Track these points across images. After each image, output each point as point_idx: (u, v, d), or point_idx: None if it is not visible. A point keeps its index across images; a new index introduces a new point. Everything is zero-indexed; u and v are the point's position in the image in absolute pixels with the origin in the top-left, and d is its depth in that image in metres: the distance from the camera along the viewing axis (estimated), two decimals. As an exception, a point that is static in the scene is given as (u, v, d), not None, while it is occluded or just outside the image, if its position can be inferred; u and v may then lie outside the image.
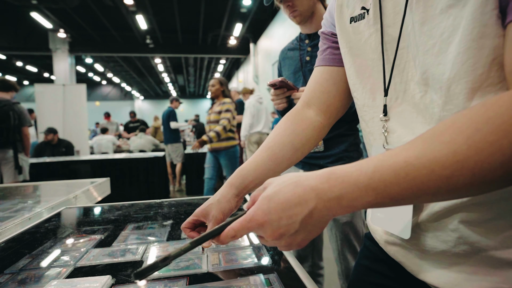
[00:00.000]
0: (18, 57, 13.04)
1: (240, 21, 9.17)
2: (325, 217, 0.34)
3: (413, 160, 0.30)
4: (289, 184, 0.34)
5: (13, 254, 0.64)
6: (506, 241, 0.37)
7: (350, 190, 0.32)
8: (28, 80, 18.19)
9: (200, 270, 0.53)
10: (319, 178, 0.34)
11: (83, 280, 0.50)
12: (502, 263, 0.37)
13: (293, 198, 0.33)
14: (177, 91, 22.97)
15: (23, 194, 1.53)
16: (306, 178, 0.34)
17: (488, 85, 0.34)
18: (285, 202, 0.34)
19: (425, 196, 0.30)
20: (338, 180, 0.33)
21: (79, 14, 8.51)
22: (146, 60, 13.78)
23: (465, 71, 0.35)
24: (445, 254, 0.41)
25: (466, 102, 0.36)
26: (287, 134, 0.62)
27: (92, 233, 0.75)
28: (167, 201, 1.06)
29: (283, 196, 0.34)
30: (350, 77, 0.53)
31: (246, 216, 0.36)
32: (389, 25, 0.44)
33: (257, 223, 0.35)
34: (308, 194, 0.33)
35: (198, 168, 4.54)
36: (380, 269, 0.55)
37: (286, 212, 0.33)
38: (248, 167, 0.59)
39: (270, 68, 9.26)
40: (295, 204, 0.33)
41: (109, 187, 1.84)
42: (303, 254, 1.32)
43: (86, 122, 6.08)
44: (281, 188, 0.34)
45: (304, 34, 1.17)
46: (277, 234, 0.34)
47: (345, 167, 0.33)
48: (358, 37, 0.50)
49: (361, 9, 0.49)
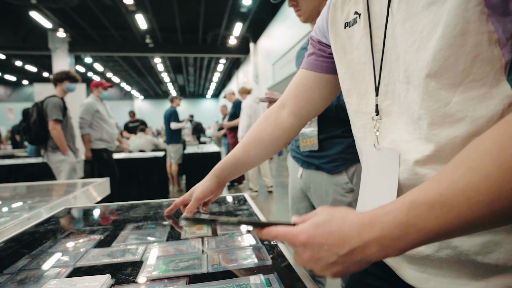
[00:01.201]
0: (17, 57, 13.02)
1: (240, 21, 9.16)
2: (367, 257, 0.34)
3: (445, 191, 0.29)
4: (338, 219, 0.35)
5: (12, 254, 0.63)
6: (487, 246, 0.37)
7: (391, 229, 0.32)
8: (28, 80, 18.19)
9: (200, 270, 0.53)
10: (362, 217, 0.34)
11: (82, 279, 0.50)
12: (484, 268, 0.38)
13: (337, 233, 0.34)
14: (177, 90, 22.95)
15: (23, 194, 1.52)
16: (353, 217, 0.35)
17: (470, 81, 0.34)
18: (330, 234, 0.35)
19: (475, 226, 0.29)
20: (378, 220, 0.33)
21: (78, 13, 8.50)
22: (145, 59, 13.76)
23: (446, 67, 0.35)
24: (430, 259, 0.42)
25: (448, 97, 0.36)
26: (260, 133, 0.70)
27: (92, 233, 0.75)
28: (167, 201, 1.06)
29: (329, 228, 0.35)
30: (344, 83, 0.53)
31: (293, 231, 0.37)
32: (378, 27, 0.45)
33: (300, 242, 0.36)
34: (351, 232, 0.34)
35: (198, 168, 4.54)
36: (375, 271, 0.55)
37: (329, 244, 0.35)
38: (228, 162, 0.72)
39: (270, 68, 9.25)
40: (338, 239, 0.34)
41: (108, 187, 1.84)
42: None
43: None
44: (330, 220, 0.36)
45: None
46: (315, 258, 0.36)
47: (384, 206, 0.34)
48: (351, 42, 0.50)
49: (354, 14, 0.49)
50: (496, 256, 0.37)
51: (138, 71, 16.29)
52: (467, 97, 0.35)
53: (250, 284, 0.46)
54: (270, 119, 0.70)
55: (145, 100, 24.45)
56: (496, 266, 0.37)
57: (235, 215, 0.87)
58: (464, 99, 0.35)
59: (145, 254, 0.60)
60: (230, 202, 1.02)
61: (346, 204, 1.06)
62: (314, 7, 1.06)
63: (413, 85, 0.39)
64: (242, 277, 0.49)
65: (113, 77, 17.36)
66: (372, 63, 0.46)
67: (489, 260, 0.37)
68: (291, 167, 1.30)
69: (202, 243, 0.65)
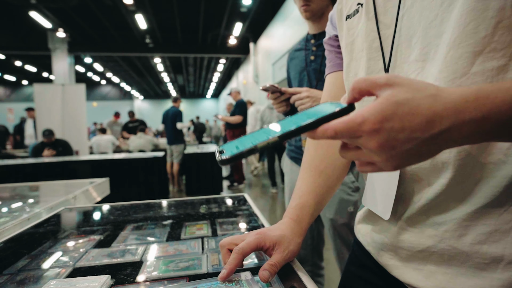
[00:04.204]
0: (17, 57, 13.02)
1: (240, 21, 9.16)
2: (449, 143, 0.29)
3: None
4: (427, 96, 0.28)
5: (12, 255, 0.63)
6: (493, 236, 0.36)
7: (503, 109, 0.27)
8: (27, 80, 18.18)
9: (200, 271, 0.52)
10: (465, 94, 0.28)
11: (82, 279, 0.50)
12: (489, 261, 0.36)
13: (427, 113, 0.27)
14: (177, 90, 22.95)
15: (22, 194, 1.52)
16: (448, 93, 0.28)
17: (491, 51, 0.33)
18: (417, 115, 0.27)
19: None
20: (490, 97, 0.27)
21: (78, 13, 8.49)
22: (145, 59, 13.76)
23: (467, 34, 0.34)
24: (430, 251, 0.40)
25: (466, 67, 0.34)
26: (329, 151, 0.55)
27: (91, 233, 0.75)
28: (166, 201, 1.06)
29: (416, 107, 0.27)
30: (349, 75, 0.53)
31: (355, 118, 0.28)
32: (380, 13, 0.45)
33: (371, 128, 0.28)
34: (446, 111, 0.27)
35: (198, 168, 4.54)
36: (366, 276, 0.54)
37: (413, 126, 0.27)
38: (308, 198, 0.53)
39: (270, 68, 9.25)
40: (428, 121, 0.27)
41: (108, 187, 1.84)
42: (303, 254, 1.32)
43: (85, 122, 6.07)
44: (416, 97, 0.28)
45: (311, 35, 1.17)
46: (388, 145, 0.28)
47: (499, 83, 0.28)
48: (351, 32, 0.51)
49: (357, 5, 0.49)
50: (503, 246, 0.35)
51: (138, 71, 16.29)
52: (486, 68, 0.33)
53: (241, 280, 0.46)
54: None
55: (145, 100, 24.44)
56: (502, 257, 0.35)
57: (235, 215, 0.87)
58: (482, 70, 0.34)
59: (145, 255, 0.60)
60: (230, 202, 1.02)
61: (353, 203, 1.06)
62: (322, 7, 1.07)
63: (434, 59, 0.38)
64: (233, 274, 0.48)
65: (113, 77, 17.36)
66: (380, 50, 0.45)
67: (495, 250, 0.35)
68: (288, 169, 1.29)
69: (202, 243, 0.65)
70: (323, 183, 0.54)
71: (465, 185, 0.37)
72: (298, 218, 0.52)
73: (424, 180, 0.41)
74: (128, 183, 3.70)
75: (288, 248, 0.48)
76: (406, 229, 0.43)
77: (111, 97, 22.20)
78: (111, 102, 21.63)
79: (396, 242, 0.45)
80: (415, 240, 0.42)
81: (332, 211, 1.11)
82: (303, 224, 0.52)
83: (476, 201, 0.36)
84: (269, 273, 0.44)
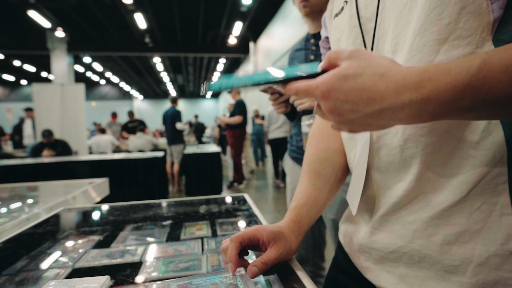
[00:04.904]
0: (15, 56, 12.99)
1: (240, 20, 9.15)
2: (394, 121, 0.31)
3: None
4: (375, 74, 0.30)
5: (10, 255, 0.63)
6: (463, 236, 0.34)
7: (443, 91, 0.27)
8: (26, 80, 18.14)
9: (200, 271, 0.52)
10: (408, 75, 0.29)
11: (81, 280, 0.50)
12: (458, 261, 0.35)
13: (370, 91, 0.30)
14: (177, 90, 22.93)
15: (22, 195, 1.52)
16: (395, 72, 0.30)
17: (456, 38, 0.32)
18: (360, 90, 0.30)
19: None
20: (432, 80, 0.27)
21: (77, 13, 8.48)
22: (145, 59, 13.74)
23: (431, 21, 0.33)
24: (401, 252, 0.40)
25: (430, 56, 0.34)
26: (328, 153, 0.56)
27: (91, 234, 0.75)
28: (166, 201, 1.06)
29: (361, 83, 0.30)
30: None
31: (313, 83, 0.33)
32: (362, 8, 0.44)
33: (321, 94, 0.32)
34: (387, 93, 0.29)
35: (198, 168, 4.54)
36: (342, 280, 0.54)
37: (355, 100, 0.31)
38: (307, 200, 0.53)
39: (270, 68, 9.24)
40: (369, 98, 0.30)
41: (108, 187, 1.84)
42: (304, 255, 1.31)
43: (84, 122, 6.06)
44: (363, 73, 0.30)
45: (311, 34, 1.17)
46: (335, 112, 0.32)
47: (445, 63, 0.28)
48: (338, 29, 0.51)
49: (343, 3, 0.50)
50: (472, 247, 0.34)
51: (138, 70, 16.27)
52: (451, 56, 0.33)
53: (235, 276, 0.46)
54: (322, 133, 0.59)
55: (145, 100, 24.42)
56: (471, 259, 0.34)
57: (235, 216, 0.87)
58: (447, 58, 0.33)
59: (145, 255, 0.60)
60: (229, 202, 1.02)
61: None
62: (322, 4, 1.06)
63: (401, 48, 0.37)
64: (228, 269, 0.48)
65: (112, 76, 17.34)
66: (362, 44, 0.45)
67: (463, 251, 0.34)
68: (290, 168, 1.29)
69: (201, 244, 0.65)
70: (321, 186, 0.54)
71: (434, 182, 0.36)
72: (297, 219, 0.52)
73: (394, 176, 0.40)
74: (128, 183, 3.70)
75: (285, 246, 0.48)
76: (379, 229, 0.43)
77: (110, 97, 22.18)
78: (110, 102, 21.60)
79: (369, 243, 0.44)
80: (387, 240, 0.41)
81: (333, 212, 1.11)
82: (302, 224, 0.52)
83: (446, 198, 0.35)
84: (257, 269, 0.44)
